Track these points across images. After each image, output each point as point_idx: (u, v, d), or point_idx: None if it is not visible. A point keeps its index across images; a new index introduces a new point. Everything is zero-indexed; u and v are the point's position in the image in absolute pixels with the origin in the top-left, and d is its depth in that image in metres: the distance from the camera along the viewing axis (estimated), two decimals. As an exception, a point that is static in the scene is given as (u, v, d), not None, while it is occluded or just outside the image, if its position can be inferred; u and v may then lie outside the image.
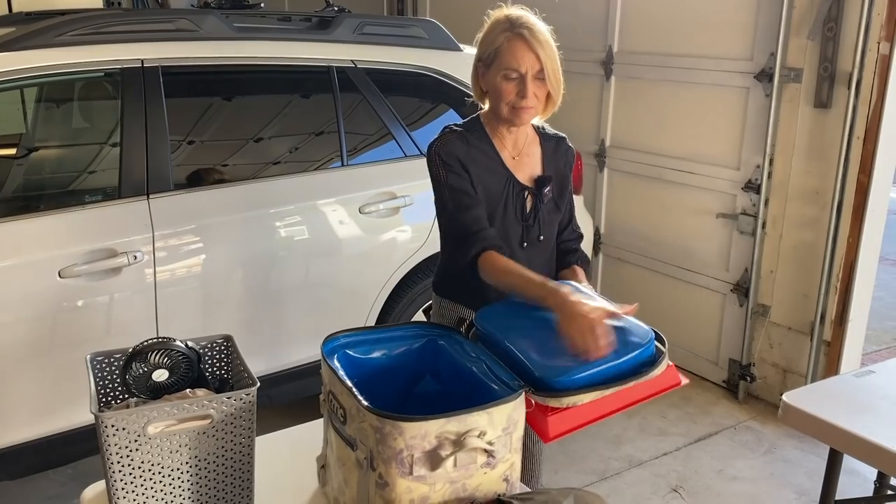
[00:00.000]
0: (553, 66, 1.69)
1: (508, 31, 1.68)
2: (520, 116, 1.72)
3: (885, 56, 2.98)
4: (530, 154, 1.84)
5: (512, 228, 1.81)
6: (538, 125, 1.89)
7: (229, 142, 2.93)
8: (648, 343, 1.38)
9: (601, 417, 1.31)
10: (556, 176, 1.86)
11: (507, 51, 1.68)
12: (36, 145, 2.90)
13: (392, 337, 1.51)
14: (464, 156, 1.75)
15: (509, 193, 1.79)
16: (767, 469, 3.09)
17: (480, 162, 1.77)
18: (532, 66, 1.67)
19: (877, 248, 3.30)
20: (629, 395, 1.33)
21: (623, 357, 1.34)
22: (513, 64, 1.67)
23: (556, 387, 1.28)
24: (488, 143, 1.79)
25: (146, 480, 1.30)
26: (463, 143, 1.76)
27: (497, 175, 1.78)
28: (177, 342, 1.45)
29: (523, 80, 1.67)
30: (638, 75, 3.92)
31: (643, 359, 1.36)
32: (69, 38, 2.45)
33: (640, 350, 1.36)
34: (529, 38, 1.66)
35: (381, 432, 1.17)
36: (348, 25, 2.98)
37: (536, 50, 1.66)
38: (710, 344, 3.79)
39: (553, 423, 1.28)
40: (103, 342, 2.34)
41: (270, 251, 2.74)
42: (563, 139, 1.92)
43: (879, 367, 2.19)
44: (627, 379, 1.32)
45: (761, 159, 3.39)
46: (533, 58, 1.66)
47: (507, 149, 1.81)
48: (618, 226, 4.21)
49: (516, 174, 1.80)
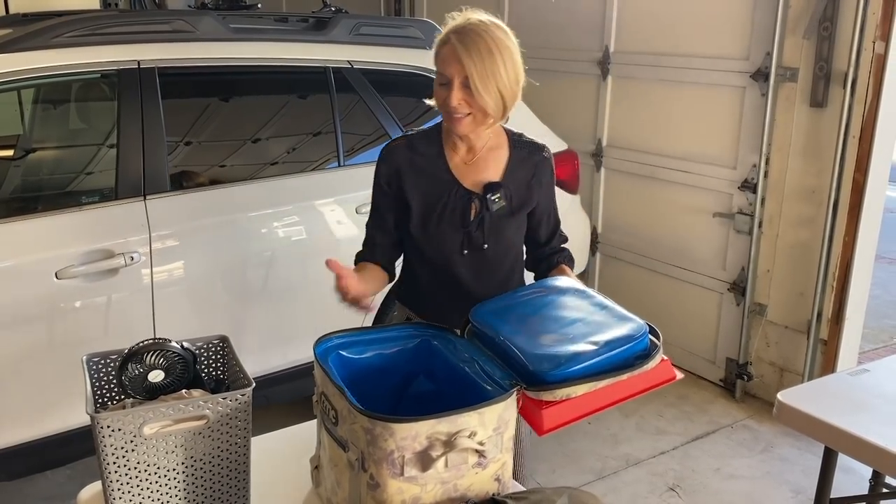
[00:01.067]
0: (484, 79, 1.61)
1: (445, 39, 1.67)
2: (454, 124, 1.69)
3: (881, 55, 2.99)
4: (490, 160, 1.79)
5: (449, 234, 1.78)
6: (515, 131, 1.85)
7: (226, 142, 2.94)
8: (642, 336, 1.37)
9: (595, 411, 1.31)
10: (517, 184, 1.79)
11: (439, 58, 1.68)
12: (33, 146, 2.90)
13: (386, 337, 1.51)
14: (402, 162, 1.78)
15: (450, 199, 1.76)
16: (764, 467, 3.10)
17: (422, 168, 1.77)
18: (458, 74, 1.63)
19: (873, 247, 3.30)
20: (623, 388, 1.33)
21: (616, 349, 1.33)
22: (442, 69, 1.66)
23: (550, 380, 1.28)
24: (438, 148, 1.79)
25: (142, 481, 1.31)
26: (406, 151, 1.79)
27: (438, 181, 1.77)
28: (173, 343, 1.46)
29: (450, 87, 1.64)
30: (634, 75, 3.93)
31: (636, 351, 1.36)
32: (66, 39, 2.45)
33: (633, 343, 1.35)
34: (456, 44, 1.63)
35: (371, 433, 1.18)
36: (345, 26, 2.99)
37: (461, 57, 1.61)
38: (706, 343, 3.80)
39: (547, 416, 1.28)
40: (100, 343, 2.34)
41: (267, 252, 2.74)
42: (538, 148, 1.84)
43: (874, 365, 2.19)
44: (621, 371, 1.32)
45: (758, 158, 3.40)
46: (458, 66, 1.62)
47: (461, 154, 1.78)
48: (615, 225, 4.21)
49: (463, 180, 1.77)
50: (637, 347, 1.36)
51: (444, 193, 1.76)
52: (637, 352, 1.36)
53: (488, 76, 1.62)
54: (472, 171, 1.78)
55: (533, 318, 1.46)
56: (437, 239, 1.79)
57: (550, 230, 1.91)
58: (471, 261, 1.80)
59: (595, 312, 1.46)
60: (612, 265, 4.26)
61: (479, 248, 1.79)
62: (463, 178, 1.77)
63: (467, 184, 1.77)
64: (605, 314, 1.44)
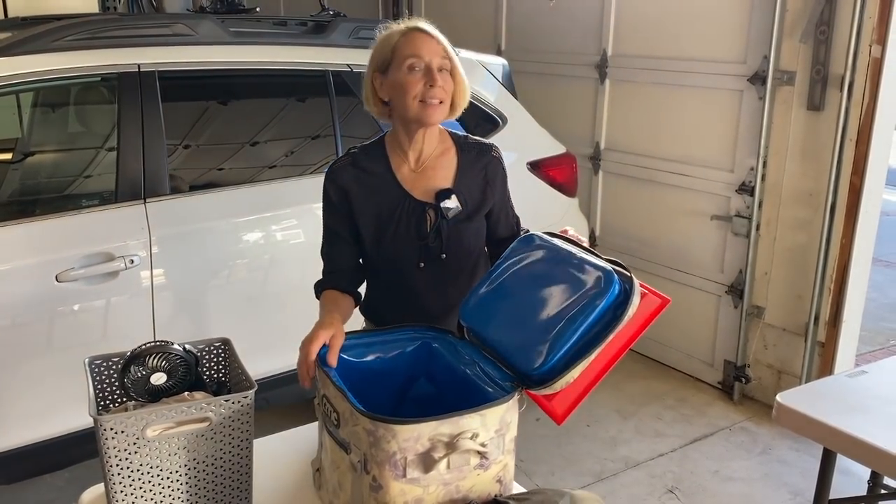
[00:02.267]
0: (458, 65, 1.64)
1: (403, 31, 1.65)
2: (428, 112, 1.62)
3: (877, 59, 3.00)
4: (438, 167, 1.74)
5: (406, 249, 1.72)
6: (460, 134, 1.81)
7: (226, 146, 2.94)
8: (610, 285, 1.28)
9: (601, 376, 1.28)
10: (469, 187, 1.74)
11: (407, 44, 1.62)
12: (32, 150, 2.90)
13: (386, 340, 1.52)
14: (349, 181, 1.72)
15: (403, 213, 1.70)
16: (762, 469, 3.11)
17: (368, 184, 1.72)
18: (436, 55, 1.61)
19: (870, 250, 3.32)
20: (618, 342, 1.27)
21: (592, 313, 1.27)
22: (416, 52, 1.61)
23: (545, 377, 1.28)
24: (383, 162, 1.73)
25: (145, 483, 1.31)
26: (351, 168, 1.73)
27: (388, 195, 1.71)
28: (175, 346, 1.46)
29: (430, 70, 1.60)
30: (632, 78, 3.94)
31: (611, 302, 1.28)
32: (66, 43, 2.45)
33: (605, 298, 1.27)
34: (426, 28, 1.63)
35: (374, 435, 1.18)
36: (344, 30, 2.99)
37: (438, 39, 1.62)
38: (705, 345, 3.81)
39: (558, 405, 1.28)
40: (100, 346, 2.34)
41: (267, 254, 2.75)
42: (487, 148, 1.79)
43: (872, 367, 2.20)
44: (606, 333, 1.26)
45: (755, 161, 3.41)
46: (435, 44, 1.61)
47: (408, 164, 1.73)
48: (613, 228, 4.22)
49: (413, 191, 1.71)
50: (610, 299, 1.28)
51: (396, 207, 1.71)
52: (612, 302, 1.28)
53: (456, 61, 1.66)
54: (422, 180, 1.72)
55: (512, 308, 1.42)
56: (392, 255, 1.74)
57: (510, 228, 1.85)
58: (429, 273, 1.74)
59: (559, 276, 1.38)
60: (610, 268, 4.27)
61: (437, 259, 1.73)
62: (413, 188, 1.72)
63: (418, 194, 1.72)
64: (568, 272, 1.36)
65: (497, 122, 3.24)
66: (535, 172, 3.27)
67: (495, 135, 3.14)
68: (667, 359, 4.00)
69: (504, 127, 3.24)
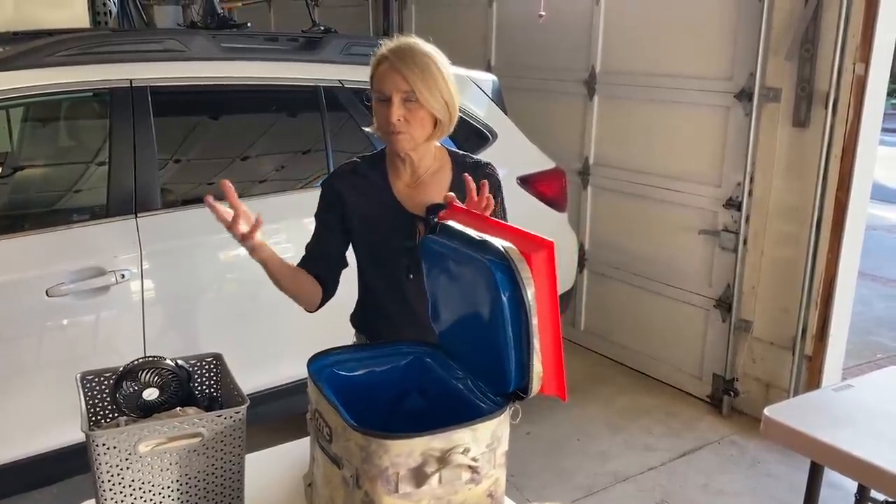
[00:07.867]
0: (428, 87, 1.65)
1: (380, 60, 1.69)
2: (393, 142, 1.69)
3: (861, 76, 3.05)
4: (433, 183, 1.78)
5: (396, 260, 1.77)
6: (459, 152, 1.85)
7: (218, 161, 2.95)
8: (493, 276, 1.24)
9: (558, 338, 1.25)
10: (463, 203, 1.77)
11: (377, 78, 1.68)
12: (23, 164, 2.90)
13: (378, 355, 1.53)
14: (346, 186, 1.78)
15: (394, 224, 1.76)
16: (751, 483, 3.12)
17: (365, 192, 1.78)
18: (398, 87, 1.64)
19: (856, 264, 3.35)
20: (544, 305, 1.22)
21: (504, 310, 1.24)
22: (380, 87, 1.67)
23: (519, 388, 1.29)
24: (381, 173, 1.79)
25: (137, 498, 1.31)
26: (351, 175, 1.80)
27: (382, 206, 1.77)
28: (167, 361, 1.47)
29: (389, 103, 1.65)
30: (621, 95, 3.98)
31: (508, 278, 1.24)
32: (59, 58, 2.46)
33: (501, 287, 1.24)
34: (395, 60, 1.65)
35: (366, 450, 1.19)
36: (335, 46, 3.02)
37: (402, 71, 1.63)
38: (693, 359, 3.83)
39: (548, 389, 1.28)
40: (90, 361, 2.33)
41: (259, 269, 2.74)
42: (482, 166, 1.83)
43: (858, 381, 2.22)
44: (528, 315, 1.22)
45: (742, 177, 3.45)
46: (398, 79, 1.64)
47: (405, 178, 1.78)
48: (602, 242, 4.25)
49: (407, 203, 1.77)
50: (505, 281, 1.24)
51: (387, 217, 1.76)
52: (509, 277, 1.24)
53: (431, 84, 1.66)
54: (417, 194, 1.77)
55: (458, 330, 1.45)
56: (382, 265, 1.79)
57: None
58: (418, 284, 1.72)
59: (461, 276, 1.38)
60: (599, 282, 4.30)
61: None
62: (406, 202, 1.77)
63: (410, 206, 1.76)
64: (471, 273, 1.34)
65: (487, 138, 3.26)
66: (524, 187, 3.29)
67: (485, 150, 3.16)
68: (656, 373, 4.01)
69: (494, 142, 3.26)
